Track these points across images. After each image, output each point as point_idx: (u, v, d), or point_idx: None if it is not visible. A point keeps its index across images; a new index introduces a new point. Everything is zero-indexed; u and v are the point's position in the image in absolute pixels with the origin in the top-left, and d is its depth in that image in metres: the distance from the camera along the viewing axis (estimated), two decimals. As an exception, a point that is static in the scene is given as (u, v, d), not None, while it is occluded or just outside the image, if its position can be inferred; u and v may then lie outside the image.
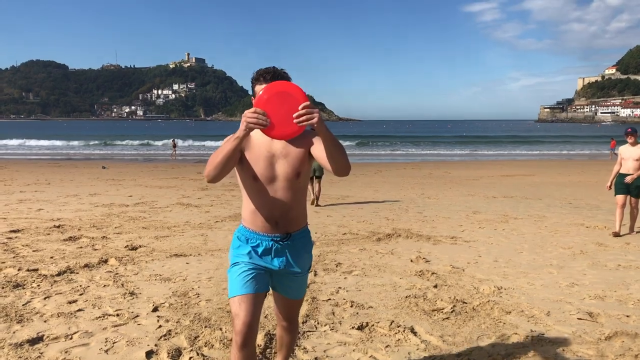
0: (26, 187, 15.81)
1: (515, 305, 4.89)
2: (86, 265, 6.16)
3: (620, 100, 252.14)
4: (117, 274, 5.90)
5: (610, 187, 9.15)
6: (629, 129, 8.93)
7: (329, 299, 5.09)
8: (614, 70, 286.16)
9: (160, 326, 4.24)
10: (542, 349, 3.86)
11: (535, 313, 4.66)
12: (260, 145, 2.67)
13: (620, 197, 8.82)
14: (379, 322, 4.38)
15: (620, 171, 8.93)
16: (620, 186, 8.83)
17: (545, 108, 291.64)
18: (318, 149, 2.57)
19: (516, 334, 4.12)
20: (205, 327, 4.22)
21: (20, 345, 3.79)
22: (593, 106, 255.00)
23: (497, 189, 16.66)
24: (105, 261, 6.45)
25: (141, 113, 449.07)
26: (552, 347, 3.89)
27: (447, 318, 4.52)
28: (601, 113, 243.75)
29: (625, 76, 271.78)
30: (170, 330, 4.14)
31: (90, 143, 53.53)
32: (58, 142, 53.12)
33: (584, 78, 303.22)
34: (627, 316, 4.60)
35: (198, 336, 4.03)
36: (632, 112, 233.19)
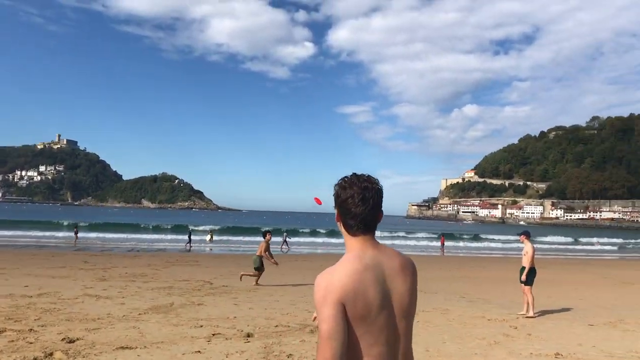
0: None
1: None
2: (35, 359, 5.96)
3: (478, 201, 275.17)
4: (73, 367, 5.78)
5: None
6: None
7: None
8: (472, 174, 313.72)
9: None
10: None
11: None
12: None
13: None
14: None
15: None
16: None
17: (413, 205, 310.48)
18: None
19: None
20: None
21: None
22: (455, 205, 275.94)
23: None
24: (51, 354, 6.26)
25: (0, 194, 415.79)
26: None
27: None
28: (463, 212, 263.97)
29: (482, 179, 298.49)
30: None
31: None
32: None
33: (447, 179, 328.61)
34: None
35: None
36: (489, 212, 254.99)
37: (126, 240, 44.39)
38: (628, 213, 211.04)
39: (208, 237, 43.79)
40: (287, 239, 39.38)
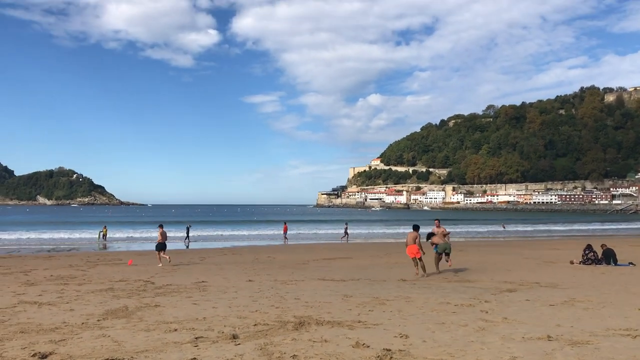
0: None
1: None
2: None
3: (384, 188, 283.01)
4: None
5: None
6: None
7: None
8: (378, 162, 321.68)
9: None
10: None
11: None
12: None
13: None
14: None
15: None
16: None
17: (322, 194, 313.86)
18: None
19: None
20: None
21: None
22: (363, 193, 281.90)
23: (335, 272, 17.59)
24: (32, 375, 5.50)
25: None
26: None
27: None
28: (370, 199, 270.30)
29: (388, 167, 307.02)
30: None
31: None
32: None
33: (354, 168, 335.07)
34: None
35: None
36: (395, 199, 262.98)
37: (30, 240, 41.44)
38: (522, 195, 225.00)
39: (101, 234, 40.63)
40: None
